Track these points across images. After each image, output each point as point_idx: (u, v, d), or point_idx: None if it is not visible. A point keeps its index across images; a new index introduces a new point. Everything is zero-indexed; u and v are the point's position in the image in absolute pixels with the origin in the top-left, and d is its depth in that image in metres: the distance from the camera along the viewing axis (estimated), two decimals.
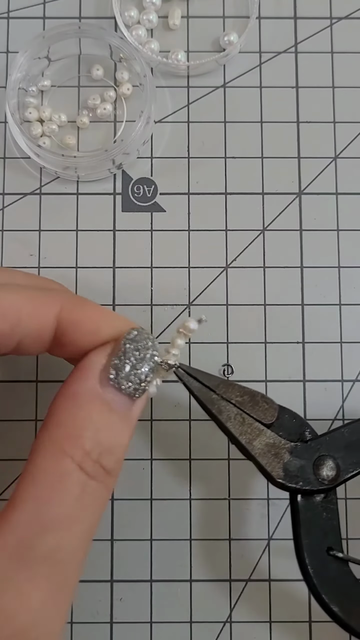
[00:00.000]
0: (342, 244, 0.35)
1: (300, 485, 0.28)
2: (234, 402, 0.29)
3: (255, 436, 0.28)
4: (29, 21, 0.37)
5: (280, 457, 0.28)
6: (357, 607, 0.27)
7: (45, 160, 0.35)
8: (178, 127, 0.36)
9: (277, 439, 0.29)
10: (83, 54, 0.37)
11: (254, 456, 0.28)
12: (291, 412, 0.30)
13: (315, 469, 0.28)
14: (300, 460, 0.28)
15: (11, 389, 0.34)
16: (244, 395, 0.29)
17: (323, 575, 0.27)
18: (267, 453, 0.28)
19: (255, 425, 0.29)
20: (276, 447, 0.28)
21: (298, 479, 0.28)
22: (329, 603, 0.27)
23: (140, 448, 0.34)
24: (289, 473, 0.28)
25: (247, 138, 0.36)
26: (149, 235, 0.35)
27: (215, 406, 0.29)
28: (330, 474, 0.28)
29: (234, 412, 0.29)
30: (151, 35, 0.37)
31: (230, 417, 0.29)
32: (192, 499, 0.34)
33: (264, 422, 0.29)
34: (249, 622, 0.33)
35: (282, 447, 0.29)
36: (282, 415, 0.29)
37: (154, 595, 0.33)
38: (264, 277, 0.35)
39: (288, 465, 0.28)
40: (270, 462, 0.28)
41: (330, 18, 0.37)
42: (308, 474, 0.28)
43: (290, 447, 0.29)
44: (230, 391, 0.29)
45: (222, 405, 0.29)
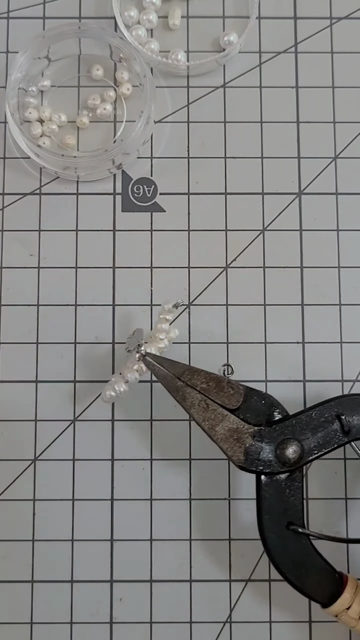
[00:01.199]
0: (342, 244, 0.35)
1: (260, 469, 0.29)
2: (198, 389, 0.30)
3: (218, 422, 0.29)
4: (29, 21, 0.37)
5: (242, 441, 0.29)
6: (311, 575, 0.29)
7: (45, 160, 0.34)
8: (178, 127, 0.36)
9: (240, 424, 0.29)
10: (83, 54, 0.37)
11: (216, 441, 0.29)
12: (261, 394, 0.30)
13: (278, 451, 0.29)
14: (262, 444, 0.29)
15: (11, 389, 0.34)
16: (209, 381, 0.30)
17: (281, 548, 0.29)
18: (229, 438, 0.29)
19: (219, 411, 0.30)
20: (239, 431, 0.29)
21: (258, 462, 0.29)
22: (286, 573, 0.29)
23: (140, 448, 0.34)
24: (250, 457, 0.29)
25: (247, 138, 0.36)
26: (149, 235, 0.35)
27: (179, 393, 0.30)
28: (293, 456, 0.29)
29: (198, 399, 0.30)
30: (151, 35, 0.37)
31: (194, 403, 0.30)
32: (192, 499, 0.34)
33: (229, 407, 0.30)
34: (249, 622, 0.33)
35: (245, 431, 0.29)
36: (250, 398, 0.30)
37: (154, 595, 0.33)
38: (264, 277, 0.35)
39: (249, 449, 0.29)
40: (231, 447, 0.29)
41: (330, 18, 0.37)
42: (269, 457, 0.29)
43: (253, 431, 0.29)
44: (195, 378, 0.30)
45: (186, 392, 0.30)
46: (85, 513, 0.34)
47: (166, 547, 0.33)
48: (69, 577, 0.33)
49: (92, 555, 0.33)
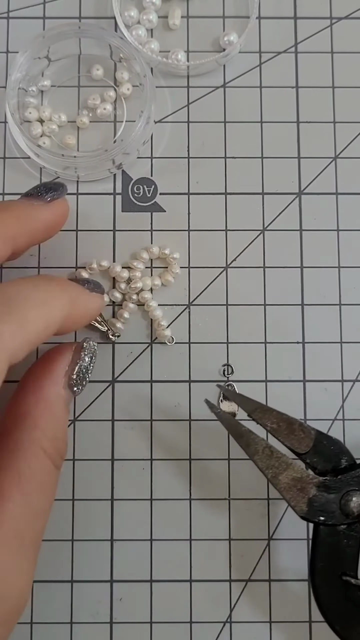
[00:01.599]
0: (342, 244, 0.35)
1: (323, 520, 0.28)
2: (268, 429, 0.29)
3: (282, 470, 0.29)
4: (29, 21, 0.37)
5: (306, 491, 0.29)
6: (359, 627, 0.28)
7: (45, 160, 0.35)
8: (178, 127, 0.36)
9: (304, 473, 0.29)
10: (83, 54, 0.37)
11: (280, 490, 0.29)
12: (331, 439, 0.30)
13: (342, 503, 0.29)
14: (326, 495, 0.29)
15: (11, 389, 0.34)
16: (280, 422, 0.29)
17: (331, 597, 0.28)
18: (293, 488, 0.29)
19: (283, 459, 0.29)
20: (302, 481, 0.29)
21: (321, 513, 0.28)
22: (333, 622, 0.28)
23: (140, 448, 0.34)
24: (313, 508, 0.28)
25: (247, 138, 0.36)
26: (149, 235, 0.35)
27: (243, 439, 0.29)
28: (358, 509, 0.28)
29: (262, 446, 0.29)
30: (151, 35, 0.37)
31: (258, 450, 0.29)
32: (192, 499, 0.34)
33: (299, 451, 0.29)
34: (249, 622, 0.33)
35: (309, 481, 0.29)
36: (320, 442, 0.29)
37: (154, 595, 0.33)
38: (264, 277, 0.35)
39: (313, 500, 0.28)
40: (294, 497, 0.28)
41: (330, 18, 0.37)
42: (333, 508, 0.28)
43: (318, 481, 0.29)
44: (266, 417, 0.29)
45: (250, 438, 0.29)
46: (85, 513, 0.34)
47: (166, 547, 0.33)
48: (69, 577, 0.33)
49: (92, 555, 0.33)
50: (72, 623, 0.33)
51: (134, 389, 0.34)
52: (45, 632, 0.33)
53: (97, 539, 0.34)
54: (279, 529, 0.34)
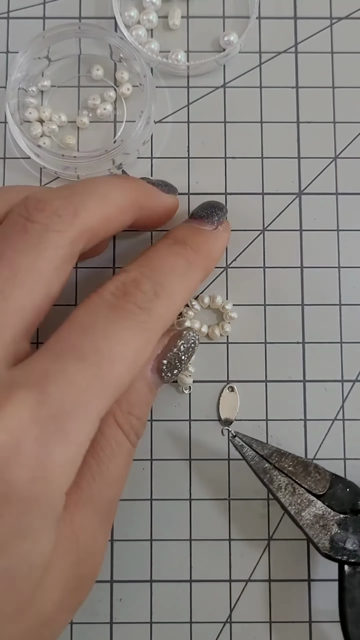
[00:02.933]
0: (342, 244, 0.35)
1: (346, 558, 0.29)
2: (286, 472, 0.30)
3: (305, 507, 0.29)
4: (29, 21, 0.37)
5: (328, 528, 0.29)
6: None
7: (45, 161, 0.35)
8: (178, 127, 0.36)
9: (326, 511, 0.29)
10: (83, 54, 0.37)
11: (302, 527, 0.29)
12: (345, 481, 0.30)
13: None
14: (347, 533, 0.29)
15: None
16: (296, 465, 0.30)
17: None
18: (315, 524, 0.29)
19: (305, 496, 0.30)
20: (324, 518, 0.29)
21: (344, 551, 0.29)
22: None
23: (140, 448, 0.34)
24: (335, 545, 0.29)
25: (247, 138, 0.36)
26: (149, 235, 0.35)
27: (267, 475, 0.30)
28: None
29: (285, 482, 0.30)
30: (151, 35, 0.37)
31: (281, 487, 0.30)
32: (192, 499, 0.34)
33: (315, 492, 0.30)
34: (249, 622, 0.33)
35: (331, 519, 0.29)
36: (335, 485, 0.30)
37: (154, 595, 0.33)
38: (264, 277, 0.35)
39: (335, 537, 0.29)
40: (317, 534, 0.29)
41: (330, 18, 0.37)
42: (355, 547, 0.29)
43: (339, 519, 0.29)
44: (283, 460, 0.30)
45: (273, 474, 0.30)
46: None
47: (166, 547, 0.33)
48: None
49: None
50: (72, 623, 0.33)
51: None
52: None
53: None
54: (279, 529, 0.34)
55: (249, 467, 0.30)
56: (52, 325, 0.35)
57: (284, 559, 0.33)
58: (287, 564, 0.33)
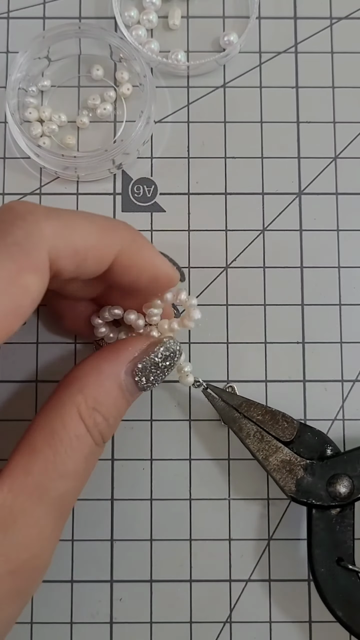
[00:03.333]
0: (342, 244, 0.35)
1: (312, 501, 0.30)
2: (254, 421, 0.31)
3: (272, 453, 0.31)
4: (29, 21, 0.37)
5: (294, 473, 0.30)
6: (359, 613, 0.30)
7: (45, 160, 0.35)
8: (178, 127, 0.36)
9: (293, 456, 0.31)
10: (83, 54, 0.37)
11: (269, 471, 0.30)
12: (314, 430, 0.32)
13: (328, 486, 0.30)
14: (313, 477, 0.30)
15: (11, 389, 0.34)
16: (265, 414, 0.32)
17: (331, 583, 0.30)
18: (282, 469, 0.31)
19: (273, 443, 0.31)
20: (291, 463, 0.31)
21: (309, 494, 0.30)
22: (335, 609, 0.29)
23: (140, 448, 0.34)
24: (301, 488, 0.30)
25: (247, 138, 0.36)
26: (149, 235, 0.35)
27: (236, 424, 0.31)
28: (344, 491, 0.30)
29: (254, 430, 0.31)
30: (151, 35, 0.37)
31: (249, 434, 0.31)
32: (192, 498, 0.34)
33: (283, 439, 0.31)
34: (249, 622, 0.33)
35: (297, 464, 0.31)
36: (304, 433, 0.31)
37: (154, 595, 0.33)
38: (264, 277, 0.35)
39: (301, 481, 0.30)
40: (283, 478, 0.30)
41: (330, 18, 0.37)
42: (320, 490, 0.30)
43: (305, 464, 0.30)
44: (252, 410, 0.32)
45: (242, 423, 0.31)
46: (85, 513, 0.34)
47: (166, 547, 0.33)
48: (69, 577, 0.33)
49: (92, 555, 0.33)
50: (72, 623, 0.33)
51: None
52: (45, 632, 0.33)
53: (97, 539, 0.34)
54: (279, 529, 0.34)
55: (250, 467, 0.30)
56: (52, 324, 0.35)
57: (284, 559, 0.33)
58: (287, 564, 0.33)
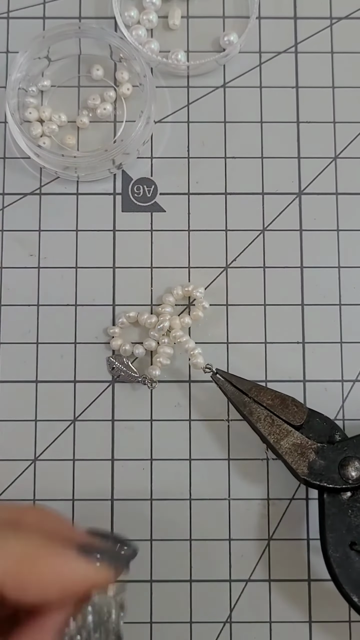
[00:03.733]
0: (342, 244, 0.35)
1: (324, 483, 0.30)
2: (264, 405, 0.31)
3: (283, 436, 0.31)
4: (29, 21, 0.37)
5: (306, 456, 0.30)
6: None
7: (45, 160, 0.34)
8: (178, 127, 0.36)
9: (304, 440, 0.31)
10: (83, 54, 0.37)
11: (281, 454, 0.30)
12: (322, 416, 0.32)
13: (340, 468, 0.30)
14: (325, 460, 0.30)
15: (11, 389, 0.34)
16: (274, 398, 0.32)
17: (344, 567, 0.29)
18: (294, 452, 0.30)
19: (284, 427, 0.31)
20: (303, 447, 0.31)
21: (322, 477, 0.30)
22: (349, 592, 0.29)
23: (140, 448, 0.34)
24: (314, 471, 0.30)
25: (247, 138, 0.36)
26: (149, 235, 0.35)
27: (246, 408, 0.31)
28: (355, 474, 0.30)
29: (264, 414, 0.31)
30: (151, 35, 0.37)
31: (260, 418, 0.31)
32: (192, 498, 0.34)
33: (293, 423, 0.31)
34: (249, 622, 0.33)
35: (309, 447, 0.31)
36: (313, 419, 0.31)
37: (154, 595, 0.33)
38: (264, 277, 0.35)
39: (313, 464, 0.30)
40: (296, 460, 0.30)
41: (330, 18, 0.37)
42: (332, 472, 0.30)
43: (317, 447, 0.30)
44: (262, 394, 0.32)
45: (253, 407, 0.31)
46: (85, 513, 0.34)
47: (166, 547, 0.33)
48: None
49: None
50: None
51: (134, 389, 0.34)
52: None
53: None
54: (279, 529, 0.34)
55: (250, 467, 0.30)
56: (52, 324, 0.35)
57: (284, 559, 0.33)
58: (287, 564, 0.33)
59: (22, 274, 0.35)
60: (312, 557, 0.33)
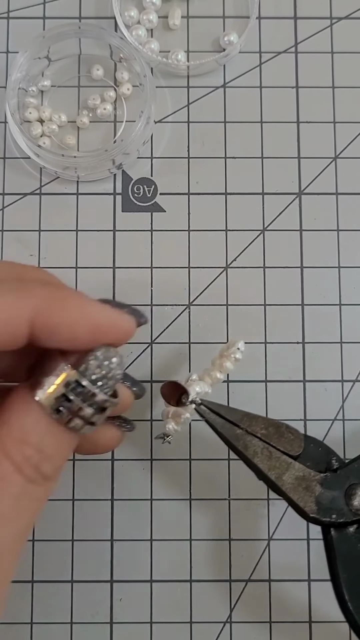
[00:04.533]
0: (342, 244, 0.35)
1: (335, 518, 0.27)
2: (259, 436, 0.28)
3: (285, 470, 0.27)
4: (29, 21, 0.37)
5: (312, 490, 0.27)
6: None
7: (45, 160, 0.35)
8: (178, 127, 0.36)
9: (306, 472, 0.28)
10: (83, 54, 0.37)
11: (285, 492, 0.27)
12: (316, 441, 0.29)
13: (347, 499, 0.27)
14: (331, 492, 0.27)
15: None
16: (268, 427, 0.28)
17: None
18: (298, 487, 0.27)
19: (283, 459, 0.28)
20: (306, 479, 0.27)
21: (332, 511, 0.27)
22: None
23: (140, 448, 0.34)
24: (322, 506, 0.27)
25: (247, 138, 0.36)
26: (149, 235, 0.35)
27: (240, 442, 0.28)
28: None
29: (260, 447, 0.28)
30: (151, 35, 0.37)
31: (257, 452, 0.28)
32: (192, 498, 0.34)
33: (292, 453, 0.28)
34: (249, 622, 0.33)
35: (312, 479, 0.27)
36: (307, 445, 0.28)
37: (154, 595, 0.33)
38: (264, 277, 0.35)
39: (320, 498, 0.27)
40: (302, 497, 0.27)
41: (330, 18, 0.37)
42: (341, 505, 0.27)
43: (321, 478, 0.28)
44: (254, 424, 0.28)
45: (247, 440, 0.28)
46: (85, 513, 0.34)
47: (166, 547, 0.33)
48: (69, 577, 0.33)
49: (92, 555, 0.33)
50: (72, 623, 0.33)
51: None
52: (45, 632, 0.33)
53: (97, 539, 0.34)
54: (279, 529, 0.34)
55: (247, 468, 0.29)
56: None
57: (284, 559, 0.33)
58: (287, 564, 0.33)
59: None
60: (312, 557, 0.33)
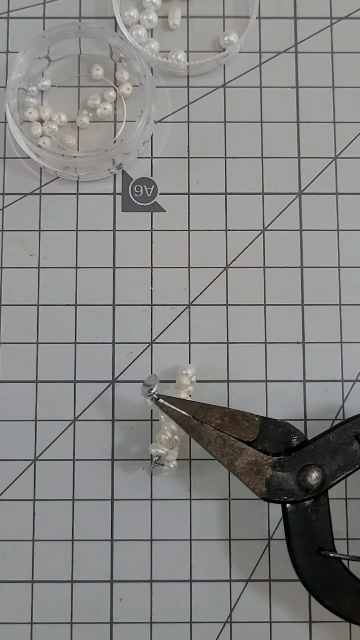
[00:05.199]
0: (342, 244, 0.35)
1: (284, 498, 0.29)
2: (214, 425, 0.30)
3: (237, 456, 0.30)
4: (29, 21, 0.37)
5: (263, 473, 0.29)
6: (348, 598, 0.29)
7: (45, 160, 0.35)
8: (178, 127, 0.36)
9: (258, 456, 0.30)
10: (83, 54, 0.37)
11: (237, 476, 0.29)
12: (276, 422, 0.30)
13: (299, 479, 0.29)
14: (283, 474, 0.29)
15: (11, 389, 0.34)
16: (224, 416, 0.30)
17: (314, 574, 0.29)
18: (250, 471, 0.29)
19: (236, 445, 0.30)
20: (258, 464, 0.29)
21: (281, 492, 0.29)
22: (322, 598, 0.29)
23: (140, 448, 0.34)
24: (272, 488, 0.29)
25: (247, 138, 0.36)
26: (149, 235, 0.35)
27: (195, 432, 0.30)
28: (316, 482, 0.29)
29: (214, 436, 0.30)
30: (151, 35, 0.37)
31: (210, 440, 0.30)
32: (192, 498, 0.34)
33: (246, 440, 0.30)
34: (249, 622, 0.33)
35: (265, 463, 0.30)
36: (267, 428, 0.30)
37: (154, 595, 0.33)
38: (264, 277, 0.35)
39: (271, 480, 0.29)
40: (252, 480, 0.29)
41: (330, 18, 0.37)
42: (291, 486, 0.29)
43: (273, 461, 0.30)
44: (209, 415, 0.30)
45: (201, 430, 0.30)
46: (85, 513, 0.34)
47: (166, 547, 0.33)
48: (69, 577, 0.33)
49: (92, 555, 0.33)
50: (72, 623, 0.33)
51: (133, 389, 0.34)
52: (45, 632, 0.33)
53: (97, 539, 0.34)
54: (279, 529, 0.33)
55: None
56: (52, 324, 0.35)
57: (284, 559, 0.33)
58: (287, 564, 0.33)
59: (22, 274, 0.35)
60: None
